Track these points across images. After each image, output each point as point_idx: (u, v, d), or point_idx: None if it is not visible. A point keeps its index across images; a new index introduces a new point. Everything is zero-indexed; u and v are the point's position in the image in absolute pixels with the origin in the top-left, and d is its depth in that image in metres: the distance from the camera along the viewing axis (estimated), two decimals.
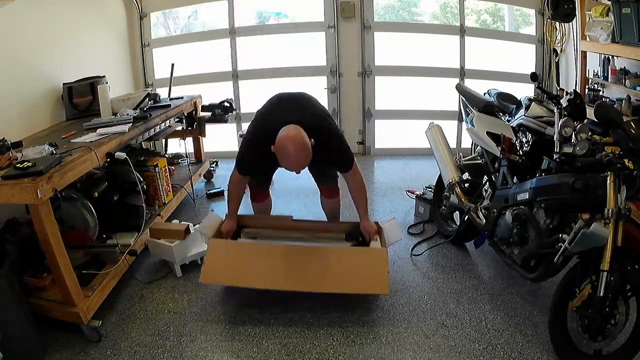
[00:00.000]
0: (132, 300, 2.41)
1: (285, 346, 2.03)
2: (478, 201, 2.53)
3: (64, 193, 2.30)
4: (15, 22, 2.81)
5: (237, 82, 4.66)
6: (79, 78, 3.24)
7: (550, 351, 1.91)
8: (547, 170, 2.00)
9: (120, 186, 2.65)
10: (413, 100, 5.55)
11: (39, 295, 2.11)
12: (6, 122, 2.62)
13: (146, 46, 4.58)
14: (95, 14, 3.84)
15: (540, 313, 2.15)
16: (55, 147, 2.18)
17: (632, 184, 1.74)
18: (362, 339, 2.05)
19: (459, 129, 4.56)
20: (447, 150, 2.76)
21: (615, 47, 3.07)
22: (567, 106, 1.97)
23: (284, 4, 6.18)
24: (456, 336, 2.06)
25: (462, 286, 2.44)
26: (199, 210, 3.55)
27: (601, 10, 3.22)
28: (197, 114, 3.86)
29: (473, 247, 2.76)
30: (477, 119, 2.53)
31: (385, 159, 4.61)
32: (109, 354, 2.02)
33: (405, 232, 3.05)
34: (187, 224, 2.67)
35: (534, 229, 1.99)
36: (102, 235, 2.52)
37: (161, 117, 3.08)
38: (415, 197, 3.31)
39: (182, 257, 2.61)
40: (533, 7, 4.34)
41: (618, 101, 3.15)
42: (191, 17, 5.97)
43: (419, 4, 6.45)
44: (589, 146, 1.81)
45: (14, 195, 1.79)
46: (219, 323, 2.21)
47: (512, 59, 4.86)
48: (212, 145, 4.51)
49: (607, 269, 1.68)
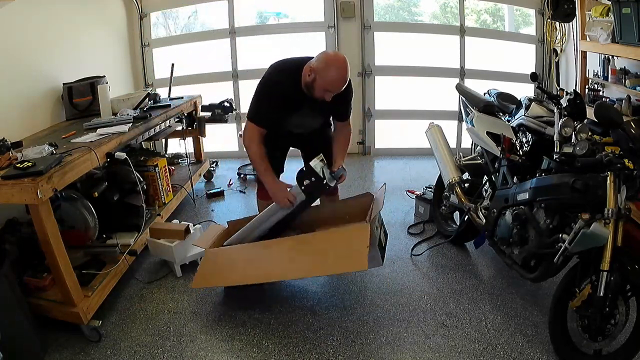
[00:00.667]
0: (132, 300, 2.41)
1: (285, 346, 2.03)
2: (478, 201, 2.53)
3: (64, 193, 2.30)
4: (15, 22, 2.81)
5: (237, 82, 4.65)
6: (79, 78, 3.24)
7: (550, 351, 1.91)
8: (547, 170, 2.00)
9: (120, 186, 2.65)
10: (413, 100, 5.55)
11: (39, 295, 2.11)
12: (6, 122, 2.62)
13: (146, 46, 4.58)
14: (95, 14, 3.84)
15: (540, 313, 2.15)
16: (55, 147, 2.18)
17: (632, 184, 1.74)
18: (362, 339, 2.05)
19: (459, 129, 4.55)
20: (447, 150, 2.75)
21: (615, 47, 3.07)
22: (567, 106, 1.97)
23: (284, 4, 6.18)
24: (456, 336, 2.05)
25: (462, 286, 2.44)
26: (199, 210, 3.55)
27: (601, 10, 3.22)
28: (197, 114, 3.86)
29: (473, 247, 2.75)
30: (477, 119, 2.53)
31: (385, 159, 4.61)
32: (109, 354, 2.02)
33: (405, 232, 3.06)
34: (187, 224, 2.67)
35: (534, 229, 1.99)
36: (102, 235, 2.53)
37: (161, 117, 3.08)
38: (415, 197, 3.31)
39: (182, 257, 2.61)
40: (533, 7, 4.33)
41: (618, 101, 3.15)
42: (191, 17, 5.97)
43: (419, 4, 6.45)
44: (589, 146, 1.80)
45: (14, 195, 1.80)
46: (219, 323, 2.21)
47: (512, 59, 4.86)
48: (212, 145, 4.51)
49: (607, 269, 1.68)
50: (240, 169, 4.30)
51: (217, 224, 2.65)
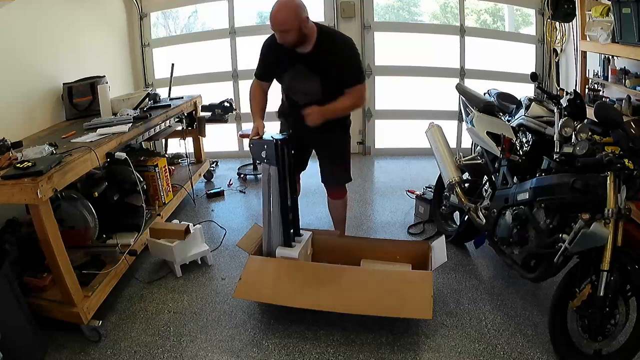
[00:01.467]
0: (132, 300, 2.41)
1: (285, 346, 2.03)
2: (478, 201, 2.53)
3: (64, 193, 2.30)
4: (15, 22, 2.81)
5: (237, 82, 4.66)
6: (79, 78, 3.25)
7: (550, 351, 1.91)
8: (547, 170, 2.00)
9: (120, 186, 2.65)
10: (413, 100, 5.55)
11: (39, 295, 2.11)
12: (6, 122, 2.62)
13: (146, 46, 4.58)
14: (95, 14, 3.84)
15: (540, 313, 2.15)
16: (55, 147, 2.18)
17: (632, 184, 1.74)
18: (362, 339, 2.05)
19: (459, 129, 4.56)
20: (447, 150, 2.75)
21: (615, 47, 3.07)
22: (567, 106, 1.97)
23: None
24: (456, 336, 2.06)
25: (462, 286, 2.43)
26: (199, 210, 3.55)
27: (601, 10, 3.22)
28: (197, 114, 3.86)
29: (473, 247, 2.76)
30: (477, 119, 2.53)
31: (385, 159, 4.61)
32: (109, 354, 2.02)
33: (405, 232, 3.06)
34: (187, 224, 2.67)
35: (534, 229, 1.99)
36: (102, 235, 2.53)
37: (161, 117, 3.08)
38: (415, 197, 3.31)
39: (182, 257, 2.61)
40: (533, 7, 4.34)
41: (618, 101, 3.15)
42: (191, 17, 5.97)
43: (419, 4, 6.45)
44: (589, 146, 1.80)
45: (14, 195, 1.80)
46: (219, 323, 2.21)
47: (512, 59, 4.86)
48: (212, 145, 4.51)
49: (607, 269, 1.68)
50: (240, 169, 4.30)
51: (259, 226, 2.54)
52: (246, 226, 2.88)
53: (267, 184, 2.28)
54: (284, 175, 2.23)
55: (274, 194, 2.26)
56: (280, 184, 2.23)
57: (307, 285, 2.17)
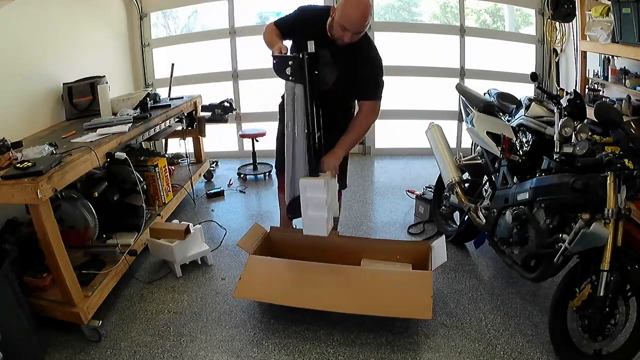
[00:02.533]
0: (132, 300, 2.41)
1: (285, 346, 2.03)
2: (478, 201, 2.53)
3: (64, 193, 2.30)
4: (15, 22, 2.81)
5: (237, 82, 4.65)
6: (79, 78, 3.24)
7: (550, 351, 1.91)
8: (547, 170, 2.00)
9: (120, 186, 2.65)
10: (413, 100, 5.55)
11: (39, 295, 2.11)
12: (6, 122, 2.62)
13: (146, 46, 4.58)
14: (95, 14, 3.84)
15: (540, 313, 2.16)
16: (55, 147, 2.18)
17: (632, 184, 1.74)
18: (362, 339, 2.05)
19: (459, 129, 4.55)
20: (447, 150, 2.75)
21: (615, 47, 3.06)
22: (567, 106, 1.97)
23: (284, 4, 6.17)
24: (456, 336, 2.06)
25: (462, 286, 2.44)
26: (199, 210, 3.55)
27: (601, 10, 3.22)
28: (197, 114, 3.86)
29: (473, 247, 2.76)
30: (477, 119, 2.53)
31: (386, 159, 4.61)
32: (109, 354, 2.02)
33: (405, 232, 3.06)
34: (187, 224, 2.67)
35: (534, 229, 1.99)
36: (102, 235, 2.52)
37: (161, 117, 3.08)
38: (415, 197, 3.31)
39: (182, 257, 2.61)
40: (533, 7, 4.33)
41: (618, 101, 3.15)
42: (191, 17, 5.98)
43: (419, 4, 6.45)
44: (589, 146, 1.80)
45: (14, 195, 1.79)
46: (219, 323, 2.21)
47: (512, 59, 4.86)
48: (212, 145, 4.51)
49: (607, 269, 1.68)
50: (240, 169, 4.30)
51: (260, 225, 2.57)
52: (246, 226, 2.88)
53: (291, 104, 2.07)
54: (311, 93, 2.01)
55: (299, 116, 2.06)
56: (307, 103, 2.02)
57: (307, 285, 2.17)
